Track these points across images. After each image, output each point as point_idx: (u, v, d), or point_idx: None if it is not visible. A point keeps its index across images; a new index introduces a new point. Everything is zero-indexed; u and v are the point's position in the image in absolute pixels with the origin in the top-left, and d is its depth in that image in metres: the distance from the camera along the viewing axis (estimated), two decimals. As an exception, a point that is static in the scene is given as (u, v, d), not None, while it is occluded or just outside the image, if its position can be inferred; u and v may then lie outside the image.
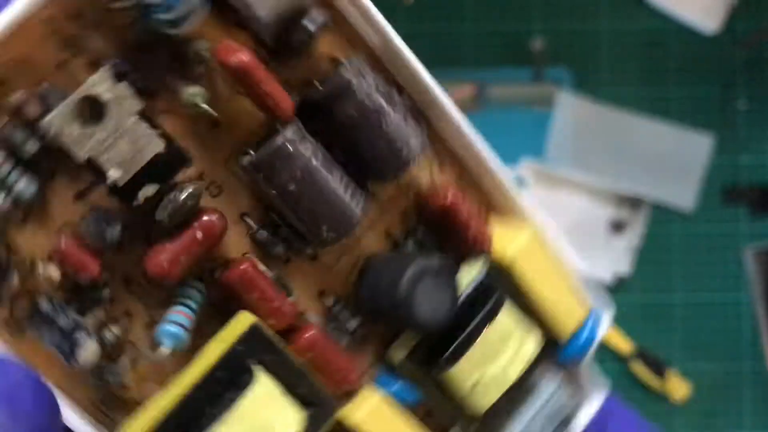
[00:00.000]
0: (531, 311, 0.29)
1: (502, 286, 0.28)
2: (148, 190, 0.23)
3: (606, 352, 0.85)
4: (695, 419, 0.86)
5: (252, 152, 0.24)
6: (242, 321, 0.24)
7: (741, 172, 0.86)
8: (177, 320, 0.24)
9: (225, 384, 0.24)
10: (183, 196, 0.23)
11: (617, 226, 0.86)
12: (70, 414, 0.23)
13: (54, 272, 0.23)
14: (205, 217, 0.24)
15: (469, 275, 0.28)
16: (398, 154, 0.25)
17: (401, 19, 0.86)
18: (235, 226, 0.25)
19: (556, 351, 0.29)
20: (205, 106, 0.24)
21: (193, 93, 0.24)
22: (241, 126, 0.25)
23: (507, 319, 0.28)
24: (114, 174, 0.22)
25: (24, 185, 0.22)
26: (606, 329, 0.30)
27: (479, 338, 0.27)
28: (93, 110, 0.22)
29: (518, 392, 0.29)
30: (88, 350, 0.23)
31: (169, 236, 0.24)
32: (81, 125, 0.22)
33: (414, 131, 0.26)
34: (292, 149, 0.24)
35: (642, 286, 0.86)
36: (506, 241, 0.28)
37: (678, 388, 0.85)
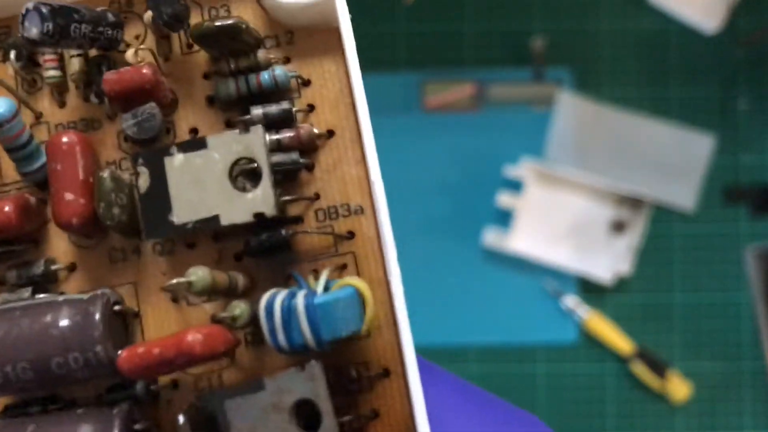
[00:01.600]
0: None
1: None
2: None
3: (606, 352, 0.85)
4: (695, 419, 0.86)
5: None
6: None
7: (742, 172, 0.86)
8: None
9: None
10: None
11: (618, 226, 0.86)
12: None
13: None
14: None
15: None
16: None
17: (401, 19, 0.86)
18: None
19: None
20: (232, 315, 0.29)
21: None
22: None
23: None
24: None
25: None
26: None
27: None
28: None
29: None
30: None
31: None
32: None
33: None
34: None
35: (642, 286, 0.86)
36: None
37: (678, 388, 0.84)
